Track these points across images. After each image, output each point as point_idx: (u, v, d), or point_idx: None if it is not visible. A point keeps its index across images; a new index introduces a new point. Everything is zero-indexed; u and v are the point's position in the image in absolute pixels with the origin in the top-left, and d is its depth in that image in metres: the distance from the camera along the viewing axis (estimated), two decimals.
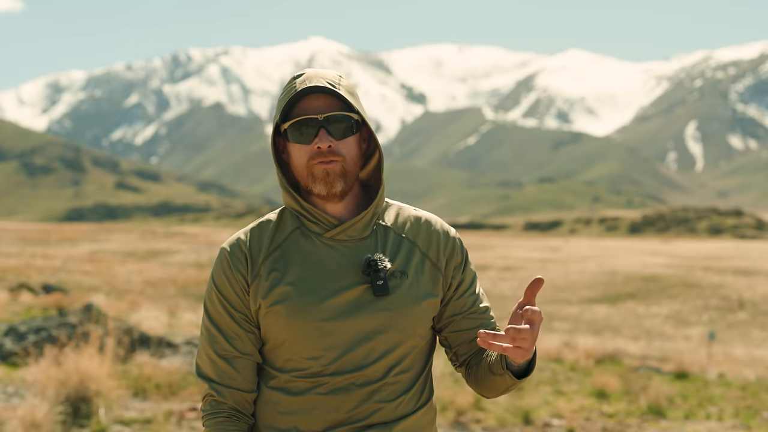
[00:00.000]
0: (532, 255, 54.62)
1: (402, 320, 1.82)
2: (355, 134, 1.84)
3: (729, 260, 49.24)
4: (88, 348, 6.57)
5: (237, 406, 1.84)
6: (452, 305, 1.91)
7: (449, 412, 7.22)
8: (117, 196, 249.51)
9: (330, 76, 1.83)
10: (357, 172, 1.85)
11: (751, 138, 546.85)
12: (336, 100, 1.82)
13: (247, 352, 1.84)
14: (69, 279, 27.71)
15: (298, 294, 1.79)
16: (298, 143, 1.81)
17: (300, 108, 1.81)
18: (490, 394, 1.91)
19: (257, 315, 1.83)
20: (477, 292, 1.94)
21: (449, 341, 1.94)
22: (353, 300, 1.80)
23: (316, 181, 1.80)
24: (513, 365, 1.79)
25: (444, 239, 1.91)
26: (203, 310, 1.91)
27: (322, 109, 1.80)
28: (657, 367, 12.21)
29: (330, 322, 1.79)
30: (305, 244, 1.84)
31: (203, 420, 1.86)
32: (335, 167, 1.79)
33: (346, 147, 1.81)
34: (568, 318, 27.04)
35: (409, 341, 1.84)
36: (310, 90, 1.80)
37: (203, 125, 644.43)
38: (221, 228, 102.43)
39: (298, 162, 1.82)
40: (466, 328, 1.91)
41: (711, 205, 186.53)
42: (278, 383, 1.83)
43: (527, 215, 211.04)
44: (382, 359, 1.81)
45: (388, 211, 1.93)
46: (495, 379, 1.84)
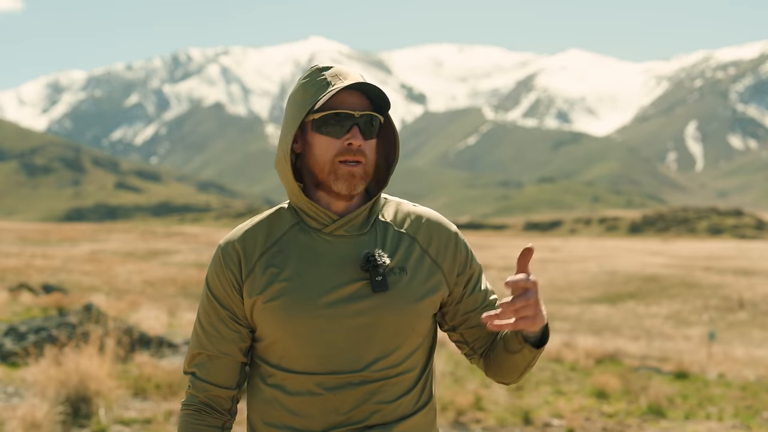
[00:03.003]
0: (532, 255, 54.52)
1: (401, 317, 1.80)
2: (377, 137, 1.86)
3: (729, 260, 49.23)
4: (88, 348, 6.57)
5: (209, 401, 1.85)
6: (465, 303, 1.90)
7: (449, 412, 7.22)
8: (117, 196, 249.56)
9: (357, 74, 1.82)
10: (371, 173, 1.84)
11: (751, 138, 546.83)
12: (366, 99, 1.81)
13: (226, 351, 1.84)
14: (69, 279, 27.72)
15: (295, 290, 1.77)
16: (328, 136, 1.79)
17: (334, 101, 1.79)
18: (512, 377, 1.90)
19: (251, 312, 1.81)
20: (486, 285, 1.93)
21: (465, 337, 1.93)
22: (351, 296, 1.78)
23: (338, 179, 1.78)
24: (529, 336, 1.79)
25: (446, 235, 1.90)
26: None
27: (357, 107, 1.79)
28: (657, 367, 12.21)
29: (327, 318, 1.77)
30: (303, 240, 1.82)
31: (180, 410, 1.90)
32: (359, 169, 1.78)
33: (369, 149, 1.81)
34: (568, 318, 27.04)
35: (409, 340, 1.82)
36: (354, 86, 1.78)
37: (203, 125, 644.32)
38: (221, 228, 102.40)
39: (322, 155, 1.79)
40: (480, 323, 1.91)
41: (711, 205, 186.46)
42: (275, 381, 1.82)
43: (527, 215, 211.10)
44: (382, 359, 1.79)
45: (388, 206, 1.91)
46: (514, 358, 1.83)
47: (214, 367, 1.84)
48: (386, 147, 1.93)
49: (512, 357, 1.83)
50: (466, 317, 1.90)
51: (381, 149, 1.92)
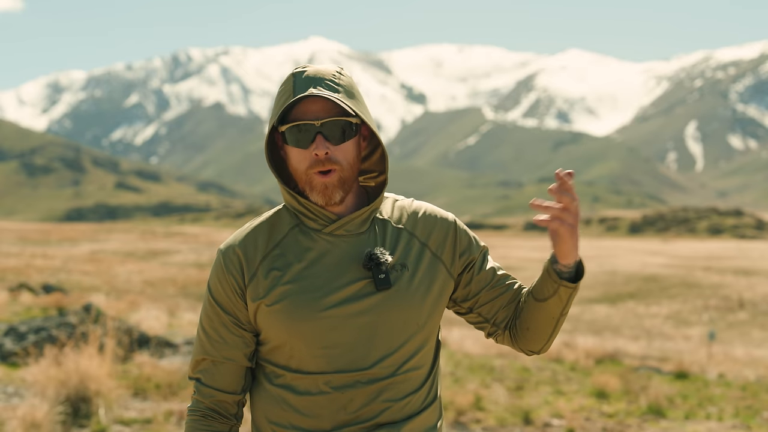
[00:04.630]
0: (532, 255, 54.59)
1: (405, 313, 1.80)
2: (354, 137, 1.81)
3: (729, 260, 49.23)
4: (88, 348, 6.57)
5: (215, 406, 1.86)
6: (476, 281, 1.91)
7: (449, 412, 7.21)
8: (117, 196, 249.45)
9: (329, 75, 1.79)
10: (355, 174, 1.82)
11: (751, 138, 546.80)
12: (332, 103, 1.78)
13: (231, 357, 1.84)
14: (69, 279, 27.71)
15: (298, 292, 1.77)
16: (297, 147, 1.78)
17: (298, 111, 1.78)
18: (544, 334, 1.88)
19: (255, 316, 1.81)
20: (494, 264, 1.94)
21: (484, 315, 1.93)
22: (354, 295, 1.78)
23: (313, 191, 1.78)
24: (563, 272, 1.79)
25: (444, 226, 1.90)
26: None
27: (319, 114, 1.76)
28: (657, 367, 12.22)
29: (332, 318, 1.76)
30: (304, 241, 1.82)
31: (186, 415, 1.90)
32: (333, 179, 1.77)
33: (342, 153, 1.78)
34: (568, 318, 27.00)
35: (415, 336, 1.82)
36: (305, 97, 1.76)
37: (203, 125, 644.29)
38: (221, 228, 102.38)
39: (297, 167, 1.80)
40: (498, 295, 1.91)
41: (711, 205, 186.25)
42: (284, 381, 1.81)
43: (527, 215, 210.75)
44: (389, 356, 1.79)
45: (384, 204, 1.92)
46: (548, 305, 1.82)
47: (218, 373, 1.84)
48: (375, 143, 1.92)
49: (546, 305, 1.83)
50: (479, 296, 1.91)
51: (374, 146, 1.92)
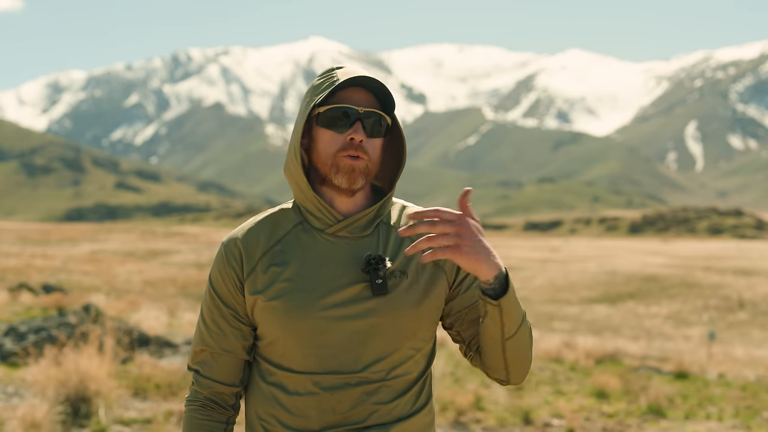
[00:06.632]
0: (532, 255, 54.59)
1: (400, 320, 1.78)
2: (383, 137, 1.84)
3: (729, 260, 49.21)
4: (87, 348, 6.57)
5: (213, 397, 1.88)
6: (460, 299, 1.87)
7: (449, 412, 7.21)
8: (117, 196, 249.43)
9: (371, 74, 1.83)
10: (374, 173, 1.84)
11: (751, 138, 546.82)
12: (374, 99, 1.82)
13: (229, 349, 1.85)
14: (69, 279, 27.70)
15: (296, 290, 1.78)
16: (331, 130, 1.80)
17: (340, 96, 1.81)
18: (497, 362, 1.82)
19: (252, 310, 1.82)
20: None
21: (462, 335, 1.90)
22: (351, 298, 1.77)
23: (339, 173, 1.79)
24: (487, 289, 1.71)
25: None
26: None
27: (362, 103, 1.80)
28: (657, 367, 12.21)
29: (327, 320, 1.76)
30: (306, 240, 1.82)
31: (184, 406, 1.91)
32: (361, 164, 1.79)
33: (372, 147, 1.81)
34: (568, 318, 27.05)
35: (408, 343, 1.81)
36: (359, 80, 1.80)
37: (203, 125, 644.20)
38: (221, 228, 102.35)
39: (325, 149, 1.80)
40: (476, 317, 1.88)
41: (711, 205, 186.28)
42: (276, 379, 1.82)
43: (527, 215, 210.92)
44: (380, 361, 1.78)
45: (392, 209, 1.91)
46: (487, 328, 1.76)
47: (217, 365, 1.86)
48: (397, 151, 1.92)
49: (484, 327, 1.78)
50: (460, 314, 1.88)
51: (391, 152, 1.92)
